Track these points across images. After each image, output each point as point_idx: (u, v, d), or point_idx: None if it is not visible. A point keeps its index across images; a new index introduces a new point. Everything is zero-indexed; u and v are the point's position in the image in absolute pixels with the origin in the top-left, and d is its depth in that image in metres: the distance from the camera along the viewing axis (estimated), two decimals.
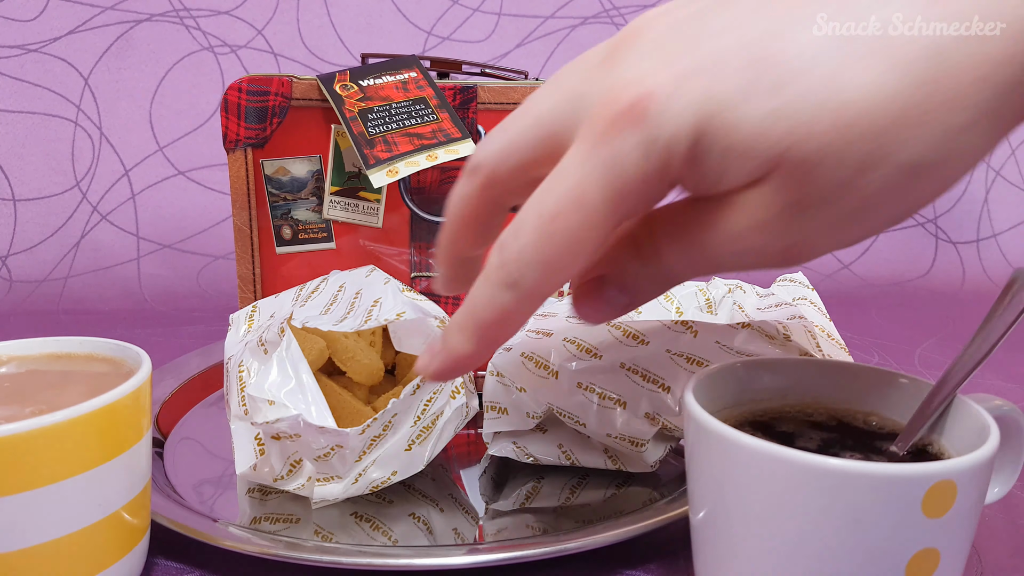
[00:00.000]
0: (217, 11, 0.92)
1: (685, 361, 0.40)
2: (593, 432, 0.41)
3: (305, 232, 0.53)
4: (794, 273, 0.51)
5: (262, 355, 0.40)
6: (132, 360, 0.35)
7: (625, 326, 0.40)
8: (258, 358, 0.40)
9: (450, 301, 0.55)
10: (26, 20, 0.88)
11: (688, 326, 0.40)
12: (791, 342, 0.40)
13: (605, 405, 0.40)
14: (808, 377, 0.34)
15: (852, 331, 0.68)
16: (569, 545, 0.35)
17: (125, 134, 0.91)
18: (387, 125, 0.49)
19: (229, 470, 0.46)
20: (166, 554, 0.37)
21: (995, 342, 0.29)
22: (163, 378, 0.55)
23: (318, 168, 0.52)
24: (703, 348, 0.40)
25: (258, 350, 0.40)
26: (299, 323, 0.40)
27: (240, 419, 0.40)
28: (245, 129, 0.51)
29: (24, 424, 0.28)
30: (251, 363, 0.40)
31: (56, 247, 0.87)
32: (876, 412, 0.33)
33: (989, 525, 0.41)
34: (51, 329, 0.40)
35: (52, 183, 0.89)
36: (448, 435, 0.42)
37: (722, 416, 0.31)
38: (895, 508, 0.25)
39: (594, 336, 0.40)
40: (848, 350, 0.44)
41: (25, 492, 0.28)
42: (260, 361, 0.40)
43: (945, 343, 0.74)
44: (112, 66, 0.90)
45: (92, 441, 0.29)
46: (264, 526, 0.39)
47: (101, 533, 0.30)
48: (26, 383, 0.33)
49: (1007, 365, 0.64)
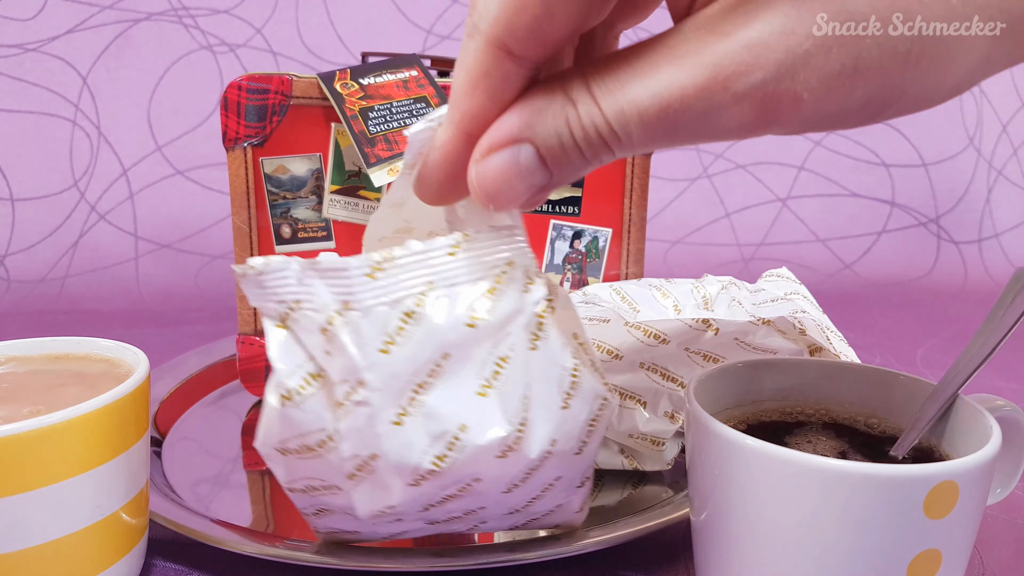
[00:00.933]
0: (216, 10, 0.91)
1: (702, 359, 0.40)
2: (616, 433, 0.41)
3: (305, 231, 0.53)
4: (779, 268, 0.51)
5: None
6: (130, 360, 0.34)
7: (646, 326, 0.40)
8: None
9: None
10: (24, 19, 0.88)
11: (709, 325, 0.40)
12: (806, 336, 0.41)
13: (626, 406, 0.41)
14: (810, 378, 0.34)
15: (854, 331, 0.67)
16: (570, 547, 0.35)
17: (123, 133, 0.90)
18: (388, 124, 0.49)
19: (228, 469, 0.46)
20: (164, 555, 0.37)
21: (997, 343, 0.29)
22: (161, 377, 0.54)
23: (318, 167, 0.52)
24: (722, 346, 0.40)
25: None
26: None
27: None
28: (245, 127, 0.50)
29: (22, 425, 0.27)
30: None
31: (54, 247, 0.87)
32: (877, 413, 0.33)
33: (991, 526, 0.41)
34: (49, 329, 0.40)
35: (50, 183, 0.89)
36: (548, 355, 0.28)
37: (723, 417, 0.31)
38: (897, 509, 0.25)
39: (615, 337, 0.40)
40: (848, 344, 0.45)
41: (23, 493, 0.28)
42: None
43: (947, 343, 0.74)
44: (110, 65, 0.90)
45: (90, 442, 0.29)
46: (264, 526, 0.39)
47: (99, 534, 0.30)
48: (24, 384, 0.33)
49: (1009, 365, 0.64)
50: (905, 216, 1.00)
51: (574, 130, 0.21)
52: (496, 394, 0.26)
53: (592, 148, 0.21)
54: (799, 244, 0.98)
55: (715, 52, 0.19)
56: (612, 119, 0.20)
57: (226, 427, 0.51)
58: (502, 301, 0.26)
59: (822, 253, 0.98)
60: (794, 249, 0.98)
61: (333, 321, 0.26)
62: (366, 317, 0.25)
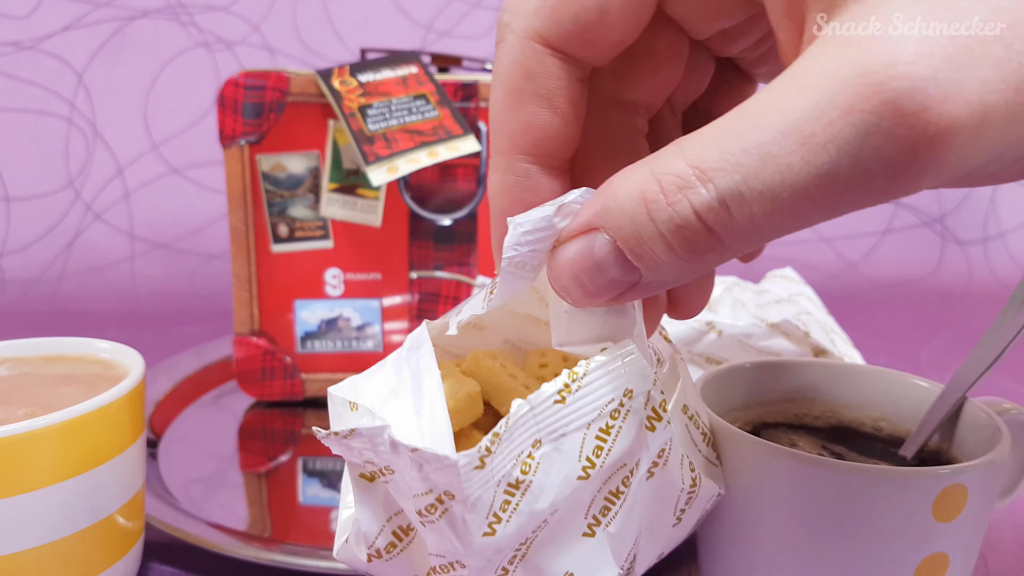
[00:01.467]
0: (212, 7, 0.91)
1: (705, 361, 0.40)
2: None
3: (302, 230, 0.52)
4: (783, 268, 0.51)
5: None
6: (126, 362, 0.34)
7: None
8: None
9: (449, 301, 0.54)
10: (20, 17, 0.87)
11: (712, 327, 0.40)
12: (810, 338, 0.40)
13: None
14: (817, 379, 0.33)
15: (858, 331, 0.67)
16: None
17: (119, 132, 0.90)
18: (387, 121, 0.49)
19: (224, 471, 0.45)
20: (160, 559, 0.37)
21: (1006, 345, 0.28)
22: (156, 378, 0.54)
23: (315, 165, 0.52)
24: (725, 348, 0.40)
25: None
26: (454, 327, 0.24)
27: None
28: (242, 125, 0.50)
29: (16, 427, 0.27)
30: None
31: (49, 247, 0.87)
32: (885, 416, 0.32)
33: (996, 529, 0.41)
34: (44, 330, 0.39)
35: (45, 182, 0.88)
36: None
37: (730, 418, 0.30)
38: (906, 512, 0.24)
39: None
40: (853, 346, 0.44)
41: (17, 496, 0.27)
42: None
43: (951, 343, 0.74)
44: (106, 63, 0.89)
45: (85, 444, 0.29)
46: (259, 530, 0.38)
47: (94, 538, 0.30)
48: (19, 385, 0.33)
49: (1017, 368, 0.64)
50: (909, 216, 1.00)
51: (655, 215, 0.16)
52: (605, 533, 0.23)
53: (686, 242, 0.16)
54: (803, 244, 0.98)
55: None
56: (726, 196, 0.15)
57: (222, 428, 0.51)
58: (619, 441, 0.23)
59: (826, 253, 0.98)
60: (798, 249, 0.98)
61: (434, 509, 0.22)
62: (471, 511, 0.21)
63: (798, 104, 0.15)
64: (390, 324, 0.54)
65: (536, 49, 0.18)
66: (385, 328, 0.54)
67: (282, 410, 0.53)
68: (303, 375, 0.54)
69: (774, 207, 0.15)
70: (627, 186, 0.17)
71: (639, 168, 0.17)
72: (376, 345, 0.54)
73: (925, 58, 0.14)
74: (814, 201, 0.15)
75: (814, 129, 0.14)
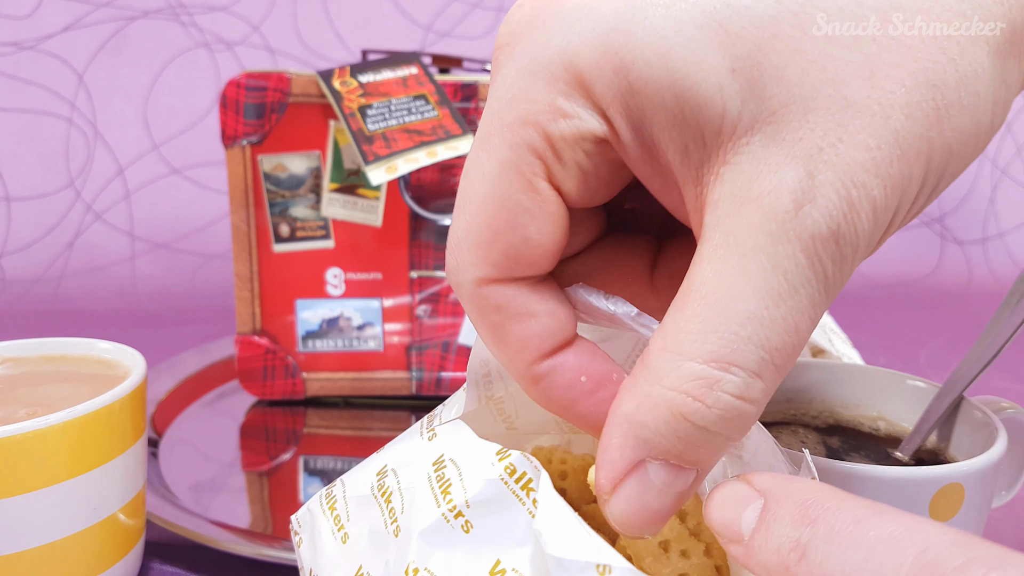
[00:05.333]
0: (213, 7, 0.91)
1: None
2: None
3: (303, 230, 0.53)
4: None
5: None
6: (127, 361, 0.34)
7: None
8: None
9: (449, 301, 0.54)
10: (20, 17, 0.88)
11: None
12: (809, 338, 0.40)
13: None
14: (814, 380, 0.33)
15: (857, 331, 0.67)
16: None
17: (120, 132, 0.90)
18: (386, 121, 0.49)
19: (226, 470, 0.46)
20: (162, 558, 0.37)
21: (1002, 344, 0.29)
22: (158, 377, 0.54)
23: (317, 165, 0.52)
24: None
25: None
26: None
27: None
28: (244, 125, 0.50)
29: (18, 427, 0.27)
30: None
31: (50, 246, 0.87)
32: (883, 415, 0.32)
33: (994, 528, 0.41)
34: (45, 330, 0.39)
35: (46, 182, 0.88)
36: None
37: None
38: None
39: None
40: (852, 346, 0.44)
41: (19, 496, 0.28)
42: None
43: (951, 343, 0.74)
44: (107, 63, 0.90)
45: (87, 444, 0.29)
46: (262, 528, 0.38)
47: (96, 537, 0.30)
48: (20, 385, 0.33)
49: (1015, 367, 0.64)
50: None
51: (702, 422, 0.17)
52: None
53: (737, 421, 0.17)
54: None
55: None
56: (755, 369, 0.17)
57: (224, 428, 0.51)
58: None
59: None
60: None
61: None
62: None
63: (748, 267, 0.16)
64: (390, 324, 0.54)
65: (491, 291, 0.19)
66: (386, 328, 0.54)
67: (283, 409, 0.54)
68: (304, 374, 0.54)
69: (787, 349, 0.17)
70: (650, 413, 0.17)
71: (645, 391, 0.17)
72: (377, 345, 0.54)
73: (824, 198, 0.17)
74: (812, 322, 0.17)
75: (777, 284, 0.16)
